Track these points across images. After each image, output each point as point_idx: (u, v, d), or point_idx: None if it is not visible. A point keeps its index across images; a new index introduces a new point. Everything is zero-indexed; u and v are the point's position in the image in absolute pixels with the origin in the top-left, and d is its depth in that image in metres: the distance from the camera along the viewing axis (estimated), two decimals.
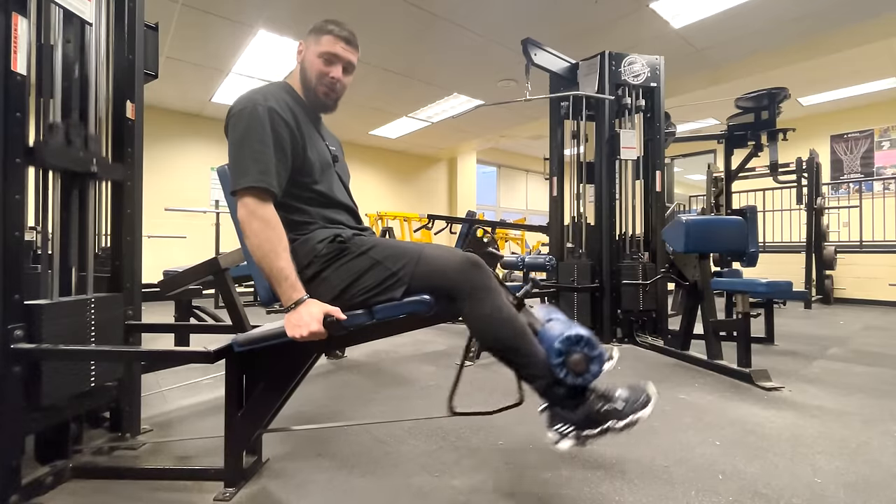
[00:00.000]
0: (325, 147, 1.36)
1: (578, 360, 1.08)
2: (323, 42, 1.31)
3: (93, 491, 1.28)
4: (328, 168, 1.34)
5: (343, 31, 1.33)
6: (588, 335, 1.10)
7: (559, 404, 1.11)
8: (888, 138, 6.46)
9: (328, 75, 1.31)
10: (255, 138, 1.17)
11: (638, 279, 3.32)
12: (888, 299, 6.04)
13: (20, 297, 1.20)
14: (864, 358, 2.94)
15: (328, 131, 1.48)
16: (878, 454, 1.52)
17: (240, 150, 1.18)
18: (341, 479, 1.34)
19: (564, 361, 1.08)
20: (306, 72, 1.33)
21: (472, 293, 1.13)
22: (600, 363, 1.10)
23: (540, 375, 1.11)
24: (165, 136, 6.63)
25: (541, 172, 8.72)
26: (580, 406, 1.09)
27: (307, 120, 1.32)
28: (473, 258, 1.17)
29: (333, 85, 1.33)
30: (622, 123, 3.57)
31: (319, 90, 1.32)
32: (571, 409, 1.09)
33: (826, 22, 4.11)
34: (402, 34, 4.40)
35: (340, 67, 1.33)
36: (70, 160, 1.33)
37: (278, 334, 1.22)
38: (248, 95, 1.23)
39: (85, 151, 1.38)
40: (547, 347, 1.11)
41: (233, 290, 1.53)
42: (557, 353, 1.08)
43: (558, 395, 1.10)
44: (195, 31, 4.32)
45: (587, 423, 1.08)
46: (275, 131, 1.19)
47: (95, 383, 1.39)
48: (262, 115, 1.19)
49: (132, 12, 1.62)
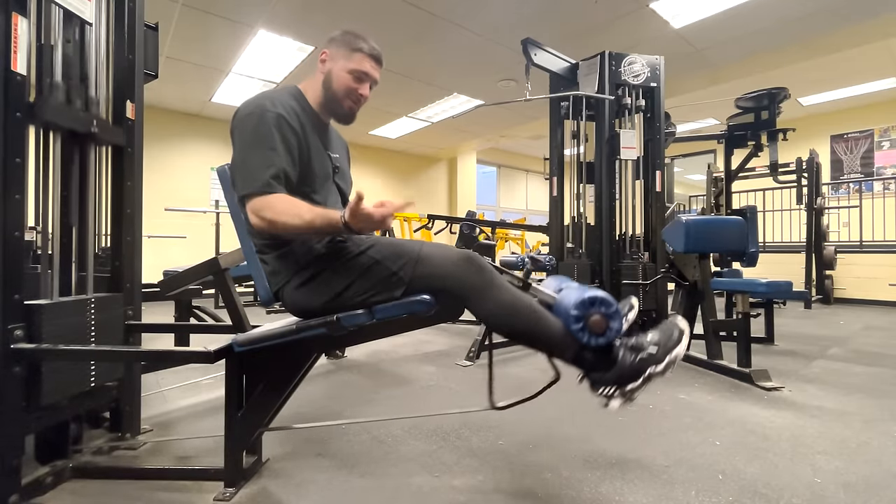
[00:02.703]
0: (327, 158, 1.36)
1: (598, 320, 1.08)
2: (355, 59, 1.32)
3: (93, 491, 1.28)
4: (327, 181, 1.34)
5: (374, 50, 1.35)
6: (602, 295, 1.10)
7: (594, 368, 1.11)
8: (888, 138, 6.46)
9: (357, 91, 1.33)
10: (266, 144, 1.17)
11: (638, 279, 3.32)
12: (888, 299, 6.04)
13: (20, 297, 1.20)
14: (864, 358, 2.94)
15: (335, 135, 1.48)
16: (878, 454, 1.52)
17: (249, 155, 1.18)
18: (341, 479, 1.34)
19: (584, 326, 1.08)
20: (332, 84, 1.33)
21: (473, 291, 1.13)
22: (619, 318, 1.10)
23: (565, 347, 1.11)
24: (165, 136, 6.62)
25: (541, 172, 8.71)
26: (615, 364, 1.09)
27: (313, 128, 1.32)
28: (469, 254, 1.17)
29: (359, 100, 1.36)
30: (622, 123, 3.57)
31: (346, 104, 1.34)
32: (607, 369, 1.09)
33: (826, 22, 4.11)
34: (402, 34, 4.40)
35: (368, 85, 1.36)
36: (70, 119, 1.33)
37: (278, 334, 1.22)
38: (256, 100, 1.23)
39: (85, 112, 1.38)
40: (564, 317, 1.12)
41: (233, 290, 1.54)
42: (575, 319, 1.09)
43: (590, 361, 1.11)
44: (195, 31, 4.32)
45: (628, 378, 1.07)
46: (284, 137, 1.19)
47: (95, 383, 1.39)
48: (271, 120, 1.19)
49: (132, 12, 1.62)
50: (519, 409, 1.28)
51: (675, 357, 1.07)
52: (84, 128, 1.37)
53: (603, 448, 1.54)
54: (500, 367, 2.67)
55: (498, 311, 1.13)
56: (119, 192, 1.59)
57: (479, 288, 1.13)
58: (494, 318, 1.14)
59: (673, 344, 1.08)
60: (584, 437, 1.65)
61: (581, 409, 1.93)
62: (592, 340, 1.08)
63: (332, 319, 1.18)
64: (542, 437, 1.65)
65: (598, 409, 1.88)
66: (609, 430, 1.71)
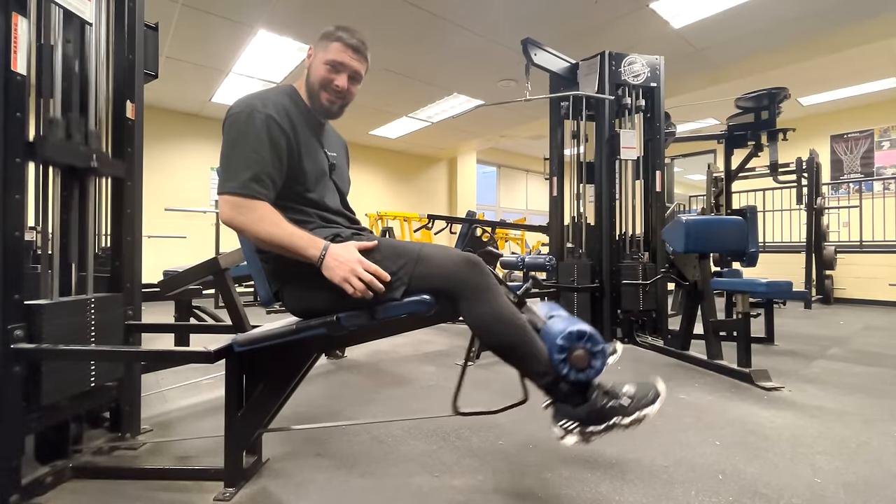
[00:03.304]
0: (322, 156, 1.34)
1: (581, 355, 1.07)
2: (331, 49, 1.29)
3: (93, 491, 1.28)
4: (323, 177, 1.33)
5: (352, 38, 1.29)
6: (590, 331, 1.09)
7: (563, 400, 1.11)
8: (888, 138, 6.46)
9: (332, 83, 1.29)
10: (250, 146, 1.16)
11: (638, 279, 3.32)
12: (888, 299, 6.04)
13: (20, 297, 1.20)
14: (864, 358, 2.94)
15: (333, 133, 1.47)
16: (878, 454, 1.52)
17: (232, 153, 1.17)
18: (341, 479, 1.34)
19: (567, 358, 1.08)
20: (311, 77, 1.31)
21: (471, 293, 1.13)
22: (603, 358, 1.09)
23: (543, 372, 1.11)
24: (165, 136, 6.62)
25: (541, 172, 8.72)
26: (585, 402, 1.08)
27: (306, 127, 1.30)
28: (472, 258, 1.16)
29: (338, 93, 1.30)
30: (622, 123, 3.57)
31: (323, 97, 1.30)
32: (576, 405, 1.09)
33: (826, 22, 4.11)
34: (402, 34, 4.40)
35: (346, 76, 1.30)
36: (70, 155, 1.33)
37: (278, 334, 1.22)
38: (247, 100, 1.22)
39: (85, 146, 1.37)
40: (549, 344, 1.11)
41: (233, 290, 1.53)
42: (560, 349, 1.08)
43: (562, 392, 1.10)
44: (195, 31, 4.32)
45: (592, 420, 1.07)
46: (272, 138, 1.19)
47: (95, 383, 1.39)
48: (259, 122, 1.18)
49: (132, 12, 1.62)
50: (519, 409, 1.28)
51: (645, 416, 1.06)
52: (84, 163, 1.38)
53: (603, 448, 1.54)
54: (501, 367, 2.67)
55: (489, 316, 1.13)
56: (119, 192, 1.59)
57: (478, 289, 1.13)
58: (483, 323, 1.13)
59: (646, 402, 1.07)
60: None
61: None
62: (572, 374, 1.08)
63: (332, 319, 1.18)
64: (543, 437, 1.65)
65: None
66: None
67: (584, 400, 1.09)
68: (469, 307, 1.14)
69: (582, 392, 1.09)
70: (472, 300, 1.13)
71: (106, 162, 1.46)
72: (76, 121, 1.37)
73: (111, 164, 1.50)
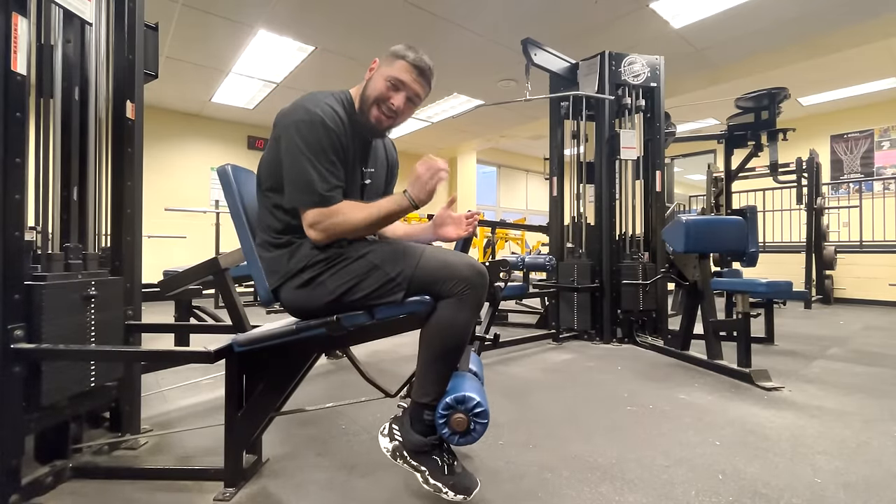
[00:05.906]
0: (358, 173, 1.33)
1: (461, 420, 1.12)
2: (396, 66, 1.25)
3: (93, 491, 1.28)
4: (353, 193, 1.30)
5: (420, 61, 1.26)
6: (485, 408, 1.14)
7: (414, 420, 1.18)
8: (888, 138, 6.46)
9: (389, 100, 1.25)
10: (323, 154, 1.17)
11: (638, 279, 3.32)
12: (888, 299, 6.04)
13: (20, 297, 1.20)
14: (864, 358, 2.94)
15: (383, 147, 1.46)
16: (878, 454, 1.52)
17: (300, 162, 1.16)
18: (341, 480, 1.34)
19: (447, 420, 1.13)
20: (368, 90, 1.27)
21: (467, 299, 1.14)
22: (477, 436, 1.14)
23: (430, 398, 1.16)
24: (165, 136, 6.63)
25: (541, 172, 8.72)
26: (423, 435, 1.16)
27: (351, 139, 1.26)
28: (482, 269, 1.17)
29: (391, 111, 1.26)
30: (622, 123, 3.58)
31: (373, 113, 1.26)
32: (417, 430, 1.17)
33: (826, 22, 4.11)
34: (403, 34, 4.39)
35: (404, 96, 1.26)
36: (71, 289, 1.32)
37: (278, 334, 1.22)
38: (305, 106, 1.19)
39: (84, 273, 1.37)
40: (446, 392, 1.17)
41: (233, 290, 1.53)
42: (446, 406, 1.14)
43: (421, 418, 1.17)
44: (195, 31, 4.32)
45: (413, 450, 1.16)
46: (332, 145, 1.19)
47: (95, 383, 1.39)
48: (319, 128, 1.17)
49: (132, 12, 1.62)
50: (519, 409, 1.29)
51: (442, 491, 1.12)
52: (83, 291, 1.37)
53: (603, 448, 1.54)
54: (501, 367, 2.67)
55: (462, 323, 1.16)
56: (119, 192, 1.59)
57: (472, 298, 1.15)
58: (453, 324, 1.16)
59: (454, 485, 1.12)
60: (585, 437, 1.65)
61: (581, 409, 1.93)
62: (444, 430, 1.13)
63: (332, 319, 1.18)
64: (542, 437, 1.65)
65: (599, 409, 1.87)
66: (609, 430, 1.71)
67: (424, 434, 1.17)
68: (451, 306, 1.15)
69: (431, 429, 1.16)
70: (461, 304, 1.15)
71: (103, 285, 1.44)
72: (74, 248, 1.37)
73: (109, 283, 1.47)
